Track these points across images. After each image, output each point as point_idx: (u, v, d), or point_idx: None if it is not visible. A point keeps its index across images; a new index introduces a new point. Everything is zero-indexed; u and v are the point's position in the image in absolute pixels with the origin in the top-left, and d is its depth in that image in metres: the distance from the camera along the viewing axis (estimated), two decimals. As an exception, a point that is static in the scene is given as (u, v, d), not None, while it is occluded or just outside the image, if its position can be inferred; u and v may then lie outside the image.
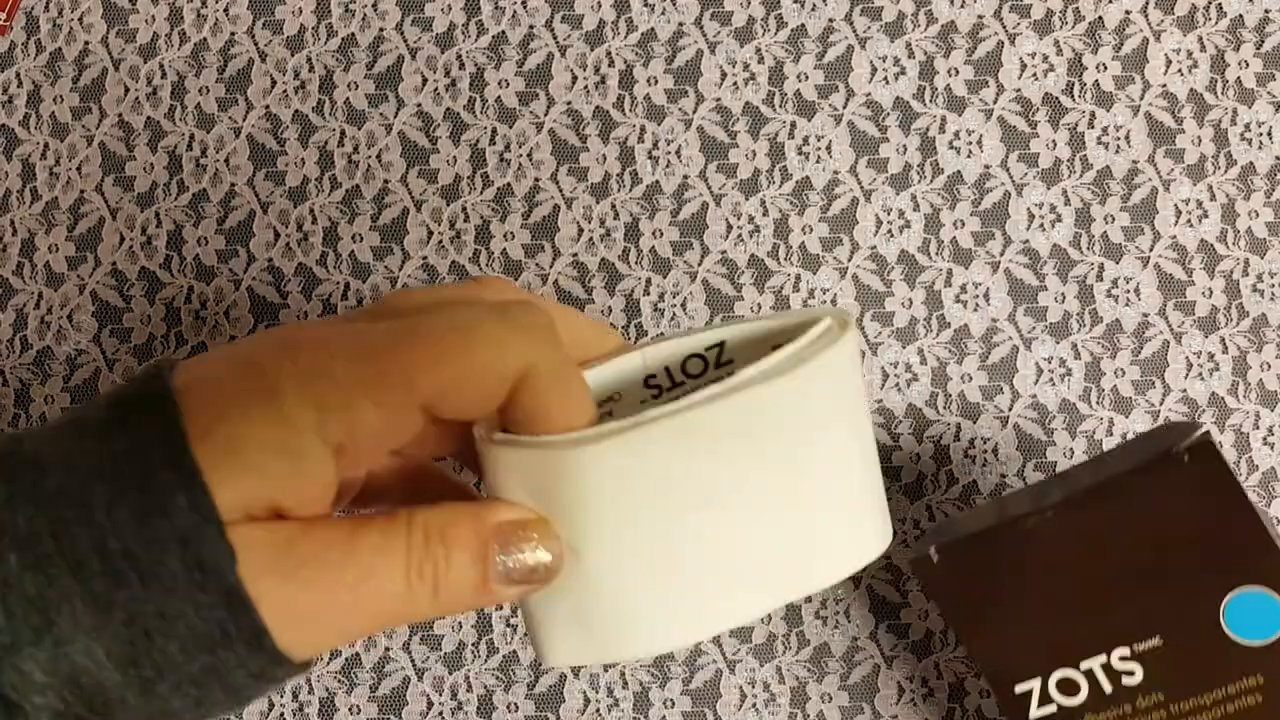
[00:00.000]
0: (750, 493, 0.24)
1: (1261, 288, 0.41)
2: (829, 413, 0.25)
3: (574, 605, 0.24)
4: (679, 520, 0.23)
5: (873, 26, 0.43)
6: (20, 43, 0.43)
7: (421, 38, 0.43)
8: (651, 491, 0.23)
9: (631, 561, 0.24)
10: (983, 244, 0.42)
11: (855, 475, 0.25)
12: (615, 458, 0.23)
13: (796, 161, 0.42)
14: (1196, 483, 0.31)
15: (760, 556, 0.24)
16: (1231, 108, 0.42)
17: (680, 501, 0.23)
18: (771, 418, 0.24)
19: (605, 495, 0.23)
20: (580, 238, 0.42)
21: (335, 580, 0.22)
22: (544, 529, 0.24)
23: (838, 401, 0.25)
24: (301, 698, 0.40)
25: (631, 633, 0.24)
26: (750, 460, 0.24)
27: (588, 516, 0.24)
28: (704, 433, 0.23)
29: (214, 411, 0.22)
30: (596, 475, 0.23)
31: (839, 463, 0.25)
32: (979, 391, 0.41)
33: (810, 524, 0.24)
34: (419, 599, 0.23)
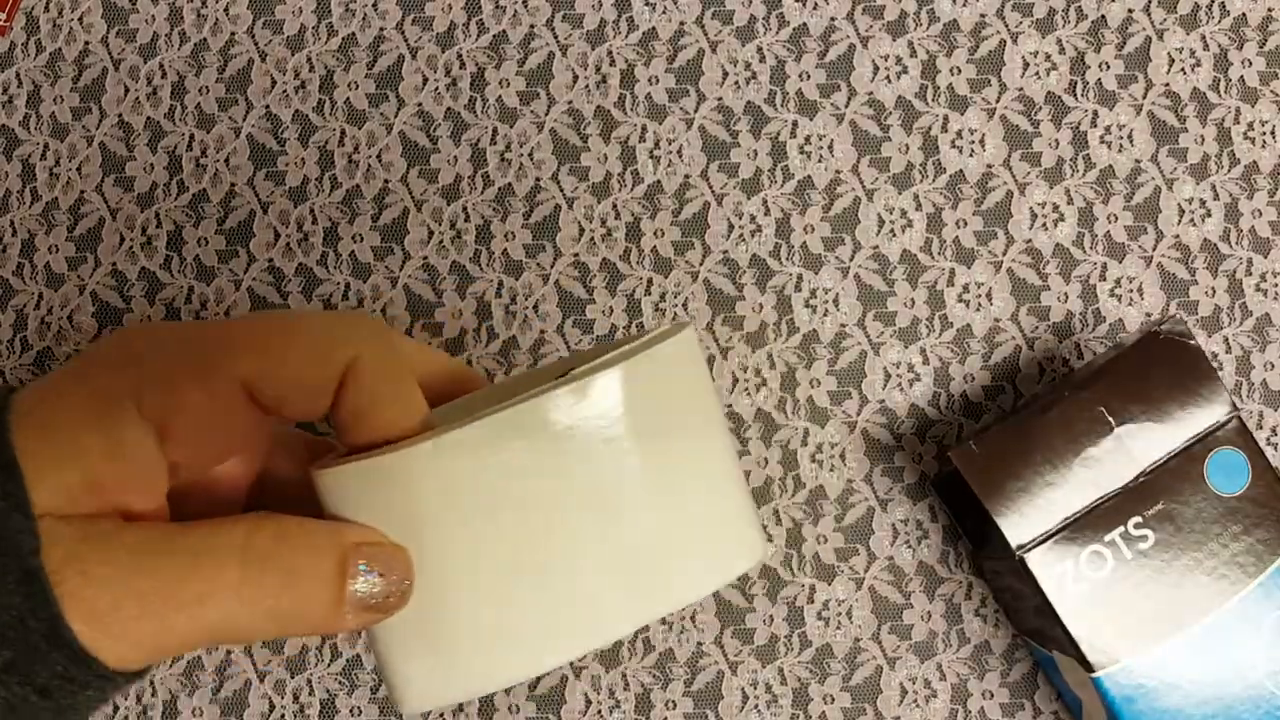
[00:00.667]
0: (590, 497, 0.23)
1: (1265, 287, 0.41)
2: (662, 413, 0.24)
3: (424, 636, 0.23)
4: (514, 529, 0.23)
5: (875, 25, 0.43)
6: (20, 43, 0.43)
7: (422, 37, 0.43)
8: (480, 500, 0.22)
9: (475, 580, 0.23)
10: (985, 243, 0.42)
11: (702, 482, 0.24)
12: (441, 462, 0.22)
13: (798, 161, 0.42)
14: (1173, 356, 0.36)
15: (610, 570, 0.23)
16: (1234, 106, 0.42)
17: (513, 507, 0.23)
18: (597, 413, 0.23)
19: (437, 507, 0.22)
20: (581, 237, 0.42)
21: (149, 583, 0.20)
22: (398, 552, 0.23)
23: (670, 402, 0.24)
24: (302, 699, 0.40)
25: (485, 661, 0.23)
26: (587, 460, 0.23)
27: (424, 533, 0.23)
28: (532, 431, 0.22)
29: (37, 398, 0.21)
30: (424, 484, 0.22)
31: (681, 467, 0.24)
32: (981, 391, 0.41)
33: (659, 534, 0.24)
34: (254, 615, 0.21)
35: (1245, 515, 0.35)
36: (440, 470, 0.22)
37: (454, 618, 0.23)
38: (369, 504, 0.23)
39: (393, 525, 0.23)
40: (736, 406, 0.41)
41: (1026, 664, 0.40)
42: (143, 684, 0.40)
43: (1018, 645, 0.40)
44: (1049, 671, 0.39)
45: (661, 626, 0.40)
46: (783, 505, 0.40)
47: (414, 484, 0.22)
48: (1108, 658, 0.34)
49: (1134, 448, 0.35)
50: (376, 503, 0.23)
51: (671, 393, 0.24)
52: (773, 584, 0.40)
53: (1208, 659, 0.34)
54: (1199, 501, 0.35)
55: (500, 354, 0.41)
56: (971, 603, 0.40)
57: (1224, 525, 0.35)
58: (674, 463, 0.24)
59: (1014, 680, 0.40)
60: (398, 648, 0.23)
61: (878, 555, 0.40)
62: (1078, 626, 0.34)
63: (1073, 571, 0.35)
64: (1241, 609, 0.35)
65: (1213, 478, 0.35)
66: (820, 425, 0.41)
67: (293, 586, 0.22)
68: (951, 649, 0.40)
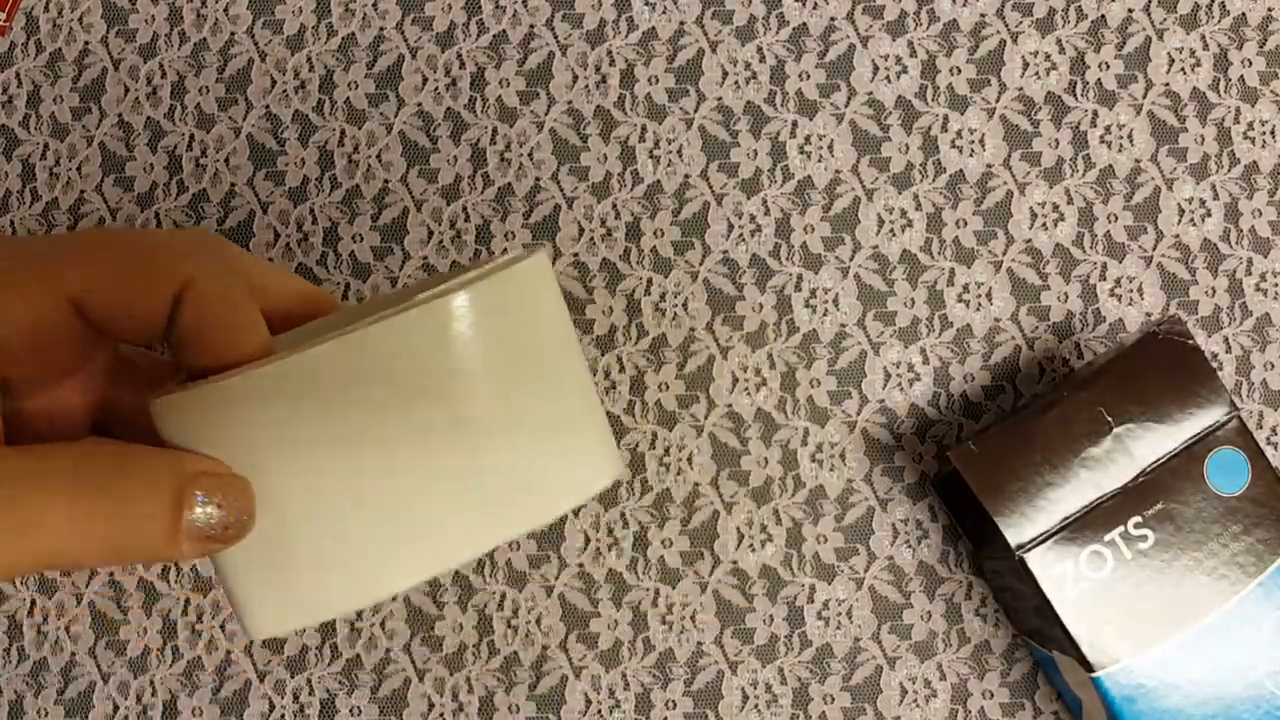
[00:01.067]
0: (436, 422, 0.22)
1: (1265, 287, 0.41)
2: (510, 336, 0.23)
3: (268, 563, 0.23)
4: (358, 456, 0.22)
5: (874, 25, 0.43)
6: (20, 43, 0.43)
7: (422, 37, 0.43)
8: (324, 426, 0.22)
9: (317, 506, 0.22)
10: (985, 243, 0.42)
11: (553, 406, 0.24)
12: (280, 388, 0.22)
13: (798, 160, 0.42)
14: (1172, 356, 0.36)
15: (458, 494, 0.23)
16: (1235, 106, 0.42)
17: (356, 435, 0.22)
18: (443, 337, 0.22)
19: (277, 434, 0.22)
20: (581, 237, 0.42)
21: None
22: (238, 482, 0.22)
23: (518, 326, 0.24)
24: (302, 699, 0.40)
25: (330, 585, 0.23)
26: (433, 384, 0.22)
27: (264, 461, 0.22)
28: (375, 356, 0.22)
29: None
30: (263, 411, 0.22)
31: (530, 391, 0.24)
32: (981, 391, 0.41)
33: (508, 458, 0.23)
34: (86, 544, 0.21)
35: (1245, 515, 0.35)
36: (280, 397, 0.22)
37: (297, 545, 0.22)
38: (207, 432, 0.22)
39: (232, 453, 0.22)
40: (736, 406, 0.41)
41: (1026, 664, 0.40)
42: (142, 683, 0.40)
43: (1018, 645, 0.40)
44: (1049, 671, 0.39)
45: (661, 626, 0.40)
46: (783, 505, 0.40)
47: (252, 411, 0.22)
48: (1108, 658, 0.34)
49: (1134, 447, 0.35)
50: (215, 431, 0.22)
51: (520, 317, 0.24)
52: (773, 584, 0.40)
53: (1208, 659, 0.34)
54: (1199, 501, 0.35)
55: (500, 354, 0.41)
56: (971, 602, 0.40)
57: (1224, 525, 0.35)
58: (523, 386, 0.23)
59: (1014, 680, 0.40)
60: (242, 575, 0.23)
61: (878, 555, 0.40)
62: (1077, 626, 0.34)
63: (1072, 571, 0.35)
64: (1241, 609, 0.35)
65: (1213, 477, 0.35)
66: (820, 425, 0.41)
67: (126, 516, 0.21)
68: (951, 649, 0.40)
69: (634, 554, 0.40)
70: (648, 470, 0.40)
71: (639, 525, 0.40)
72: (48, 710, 0.40)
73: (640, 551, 0.40)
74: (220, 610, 0.41)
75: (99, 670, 0.40)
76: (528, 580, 0.40)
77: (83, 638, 0.41)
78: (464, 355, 0.23)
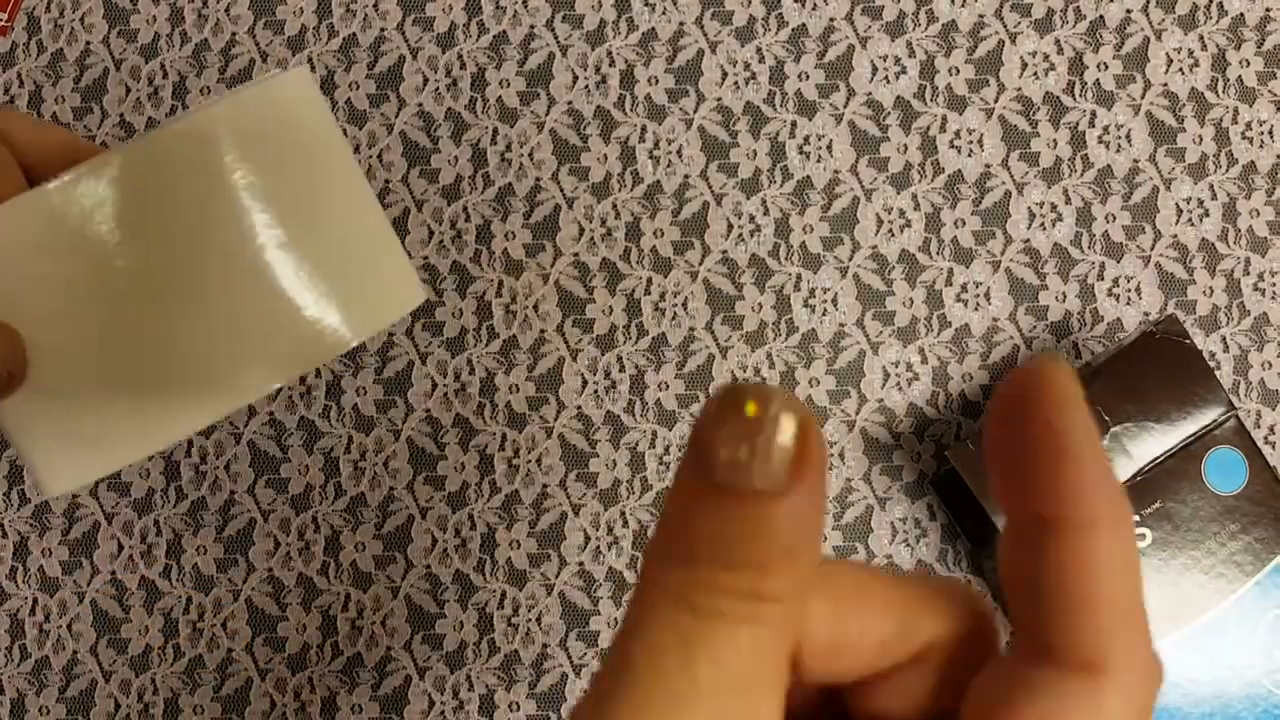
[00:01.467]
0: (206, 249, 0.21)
1: (1263, 286, 0.41)
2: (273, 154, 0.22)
3: (50, 414, 0.22)
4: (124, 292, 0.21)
5: (874, 26, 0.43)
6: (22, 43, 0.43)
7: (423, 37, 0.43)
8: (82, 261, 0.21)
9: (87, 349, 0.21)
10: (983, 243, 0.42)
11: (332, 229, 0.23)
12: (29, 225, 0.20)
13: (797, 161, 0.42)
14: (1169, 356, 0.36)
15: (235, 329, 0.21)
16: (1232, 106, 0.42)
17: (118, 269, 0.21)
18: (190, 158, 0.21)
19: (32, 276, 0.21)
20: (581, 237, 0.42)
21: None
22: (5, 328, 0.21)
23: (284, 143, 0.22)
24: (304, 696, 0.40)
25: (116, 432, 0.22)
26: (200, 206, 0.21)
27: (26, 308, 0.21)
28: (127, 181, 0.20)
29: None
30: (14, 252, 0.20)
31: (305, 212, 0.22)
32: (980, 390, 0.41)
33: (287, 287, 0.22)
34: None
35: (1243, 514, 0.35)
36: (28, 234, 0.20)
37: (75, 393, 0.21)
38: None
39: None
40: (736, 406, 0.41)
41: (1025, 662, 0.40)
42: (144, 681, 0.40)
43: (1016, 643, 0.40)
44: (1047, 670, 0.39)
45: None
46: (782, 504, 0.40)
47: (6, 251, 0.21)
48: None
49: (1131, 447, 0.35)
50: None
51: (283, 135, 0.22)
52: (772, 582, 0.40)
53: (1205, 657, 0.35)
54: (1196, 500, 0.35)
55: (500, 353, 0.41)
56: (970, 601, 0.40)
57: (1222, 524, 0.35)
58: (297, 210, 0.22)
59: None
60: (26, 432, 0.22)
61: (876, 553, 0.40)
62: None
63: None
64: (1239, 607, 0.35)
65: (1210, 476, 0.35)
66: (819, 424, 0.41)
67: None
68: (950, 647, 0.40)
69: (634, 552, 0.40)
70: (648, 469, 0.41)
71: (639, 524, 0.40)
72: (49, 708, 0.40)
73: (640, 550, 0.40)
74: (222, 608, 0.41)
75: (100, 668, 0.41)
76: (528, 579, 0.41)
77: (84, 636, 0.41)
78: (224, 177, 0.21)
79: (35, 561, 0.41)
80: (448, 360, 0.41)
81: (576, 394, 0.41)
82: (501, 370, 0.41)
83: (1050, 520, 0.15)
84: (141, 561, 0.41)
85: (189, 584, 0.41)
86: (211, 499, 0.41)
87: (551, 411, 0.41)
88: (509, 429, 0.41)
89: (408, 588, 0.41)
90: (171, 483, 0.41)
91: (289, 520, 0.41)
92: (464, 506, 0.41)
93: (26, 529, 0.41)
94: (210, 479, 0.41)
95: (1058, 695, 0.15)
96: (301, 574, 0.41)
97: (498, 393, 0.41)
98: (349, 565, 0.41)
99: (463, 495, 0.41)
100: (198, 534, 0.41)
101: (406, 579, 0.41)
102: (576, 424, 0.41)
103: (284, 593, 0.41)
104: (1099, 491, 0.15)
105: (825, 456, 0.15)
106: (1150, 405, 0.36)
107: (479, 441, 0.41)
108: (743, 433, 0.14)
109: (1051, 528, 0.15)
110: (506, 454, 0.41)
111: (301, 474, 0.41)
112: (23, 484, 0.41)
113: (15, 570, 0.41)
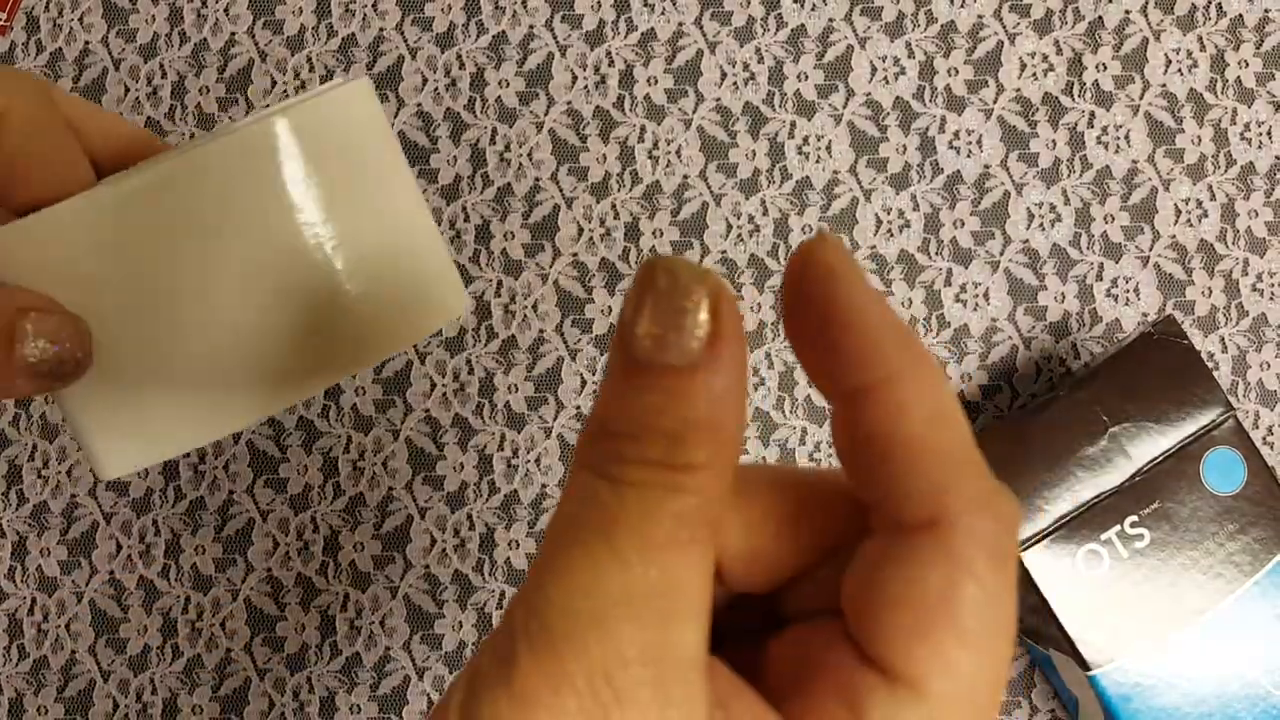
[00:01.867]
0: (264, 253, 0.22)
1: (1261, 287, 0.41)
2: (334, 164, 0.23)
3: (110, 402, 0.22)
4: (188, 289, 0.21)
5: (872, 26, 0.43)
6: (21, 43, 0.43)
7: (422, 37, 0.43)
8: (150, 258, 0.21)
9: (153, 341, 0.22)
10: (982, 243, 0.42)
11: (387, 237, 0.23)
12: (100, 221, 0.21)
13: (796, 161, 0.42)
14: (1168, 356, 0.36)
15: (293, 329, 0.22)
16: (1231, 107, 0.42)
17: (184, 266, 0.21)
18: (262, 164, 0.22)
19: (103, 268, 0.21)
20: (580, 237, 0.42)
21: None
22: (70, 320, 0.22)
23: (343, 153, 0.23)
24: (302, 696, 0.40)
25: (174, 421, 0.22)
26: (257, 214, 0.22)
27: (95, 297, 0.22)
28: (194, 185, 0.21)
29: None
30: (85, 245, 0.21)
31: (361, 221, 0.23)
32: (979, 391, 0.41)
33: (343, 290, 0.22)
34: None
35: (1241, 514, 0.35)
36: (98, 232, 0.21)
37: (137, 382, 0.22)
38: (34, 268, 0.22)
39: (61, 290, 0.22)
40: (735, 406, 0.41)
41: (1023, 662, 0.40)
42: (142, 681, 0.40)
43: (1014, 643, 0.40)
44: (1046, 670, 0.39)
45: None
46: (781, 504, 0.40)
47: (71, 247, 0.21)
48: (1104, 656, 0.34)
49: (1130, 447, 0.35)
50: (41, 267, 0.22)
51: (344, 144, 0.23)
52: (771, 583, 0.40)
53: (1204, 657, 0.35)
54: (1195, 500, 0.35)
55: (500, 353, 0.41)
56: (969, 601, 0.40)
57: (1220, 524, 0.35)
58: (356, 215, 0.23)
59: (1011, 679, 0.40)
60: (85, 415, 0.23)
61: (875, 554, 0.40)
62: (1074, 625, 0.35)
63: (1069, 570, 0.35)
64: (1238, 608, 0.35)
65: (1209, 477, 0.36)
66: (818, 425, 0.41)
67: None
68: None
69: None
70: (646, 469, 0.41)
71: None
72: (48, 708, 0.40)
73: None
74: (221, 607, 0.41)
75: (99, 668, 0.41)
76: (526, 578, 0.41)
77: (83, 636, 0.41)
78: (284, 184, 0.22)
79: (34, 561, 0.41)
80: (446, 360, 0.41)
81: (575, 394, 0.41)
82: (500, 370, 0.41)
83: (855, 390, 0.15)
84: (140, 561, 0.41)
85: (187, 584, 0.41)
86: (210, 499, 0.41)
87: (550, 411, 0.41)
88: (508, 429, 0.41)
89: (406, 587, 0.41)
90: (170, 482, 0.41)
91: (288, 520, 0.41)
92: (463, 506, 0.41)
93: (25, 528, 0.41)
94: (209, 479, 0.41)
95: (909, 563, 0.15)
96: (300, 574, 0.41)
97: (496, 393, 0.41)
98: (348, 565, 0.41)
99: (461, 495, 0.41)
100: (196, 534, 0.41)
101: (405, 579, 0.41)
102: (575, 424, 0.41)
103: (283, 592, 0.41)
104: (888, 347, 0.15)
105: (740, 331, 0.15)
106: (1148, 406, 0.36)
107: (478, 441, 0.41)
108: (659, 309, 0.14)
109: (858, 397, 0.15)
110: (505, 454, 0.41)
111: (300, 474, 0.41)
112: (21, 483, 0.41)
113: (13, 570, 0.41)
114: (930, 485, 0.15)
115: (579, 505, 0.15)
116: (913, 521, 0.15)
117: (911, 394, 0.15)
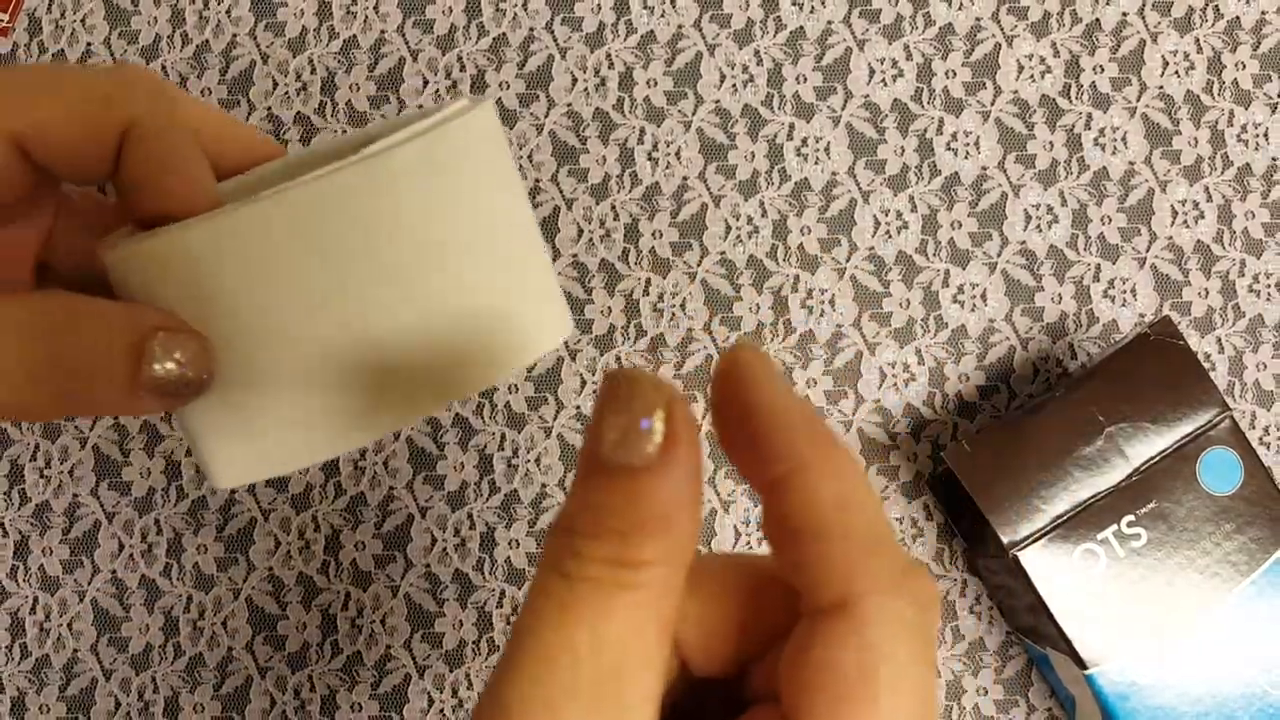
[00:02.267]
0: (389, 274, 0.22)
1: (1257, 288, 0.42)
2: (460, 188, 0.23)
3: (231, 418, 0.22)
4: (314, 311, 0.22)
5: (871, 29, 0.43)
6: (23, 44, 0.43)
7: (423, 40, 0.43)
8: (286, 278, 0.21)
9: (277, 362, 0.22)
10: (980, 245, 0.42)
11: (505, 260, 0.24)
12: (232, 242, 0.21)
13: (795, 163, 0.42)
14: (1164, 357, 0.36)
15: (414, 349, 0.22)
16: (1228, 109, 0.42)
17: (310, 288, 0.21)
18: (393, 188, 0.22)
19: (232, 288, 0.21)
20: (580, 238, 0.42)
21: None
22: (196, 339, 0.22)
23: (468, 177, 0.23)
24: (303, 695, 0.40)
25: (293, 439, 0.22)
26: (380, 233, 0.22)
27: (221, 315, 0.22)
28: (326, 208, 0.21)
29: None
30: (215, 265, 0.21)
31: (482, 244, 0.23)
32: (976, 392, 0.41)
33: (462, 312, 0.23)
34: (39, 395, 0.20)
35: (1238, 514, 0.35)
36: (232, 250, 0.21)
37: (259, 400, 0.22)
38: (161, 285, 0.22)
39: (187, 307, 0.22)
40: (734, 406, 0.41)
41: (1021, 661, 0.40)
42: (144, 680, 0.41)
43: (1012, 642, 0.40)
44: (1043, 669, 0.39)
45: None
46: (779, 504, 0.41)
47: (203, 264, 0.21)
48: (1101, 655, 0.35)
49: (1126, 447, 0.36)
50: (168, 283, 0.22)
51: (470, 168, 0.23)
52: (769, 582, 0.40)
53: (1201, 657, 0.35)
54: (1191, 500, 0.35)
55: (499, 354, 0.42)
56: (966, 600, 0.40)
57: (1216, 524, 0.35)
58: (475, 239, 0.23)
59: (1008, 677, 0.40)
60: (205, 429, 0.23)
61: (873, 554, 0.41)
62: (1071, 624, 0.35)
63: (1066, 569, 0.35)
64: (1235, 607, 0.35)
65: (1205, 477, 0.36)
66: (817, 425, 0.41)
67: (83, 368, 0.20)
68: (946, 646, 0.40)
69: (632, 552, 0.40)
70: (646, 469, 0.41)
71: (637, 524, 0.41)
72: (49, 706, 0.41)
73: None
74: (222, 606, 0.41)
75: (101, 667, 0.41)
76: (526, 578, 0.41)
77: (85, 634, 0.41)
78: (405, 209, 0.22)
79: (36, 560, 0.41)
80: (447, 360, 0.41)
81: (575, 394, 0.41)
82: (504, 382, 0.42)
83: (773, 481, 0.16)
84: (142, 560, 0.41)
85: (189, 583, 0.41)
86: (212, 498, 0.41)
87: (550, 411, 0.41)
88: (508, 429, 0.41)
89: (407, 586, 0.41)
90: (172, 482, 0.41)
91: (289, 519, 0.41)
92: (463, 506, 0.41)
93: (27, 528, 0.41)
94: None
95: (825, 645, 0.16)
96: (301, 573, 0.41)
97: (497, 393, 0.41)
98: (349, 564, 0.41)
99: (462, 495, 0.41)
100: (198, 533, 0.41)
101: (406, 578, 0.41)
102: (575, 424, 0.41)
103: (284, 591, 0.41)
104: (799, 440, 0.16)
105: (694, 436, 0.16)
106: (1145, 406, 0.36)
107: (478, 441, 0.41)
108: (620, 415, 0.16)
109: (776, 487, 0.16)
110: (505, 454, 0.41)
111: (301, 473, 0.41)
112: (23, 483, 0.41)
113: (16, 569, 0.41)
114: (839, 568, 0.16)
115: (540, 599, 0.16)
116: (826, 605, 0.16)
117: (819, 481, 0.16)
